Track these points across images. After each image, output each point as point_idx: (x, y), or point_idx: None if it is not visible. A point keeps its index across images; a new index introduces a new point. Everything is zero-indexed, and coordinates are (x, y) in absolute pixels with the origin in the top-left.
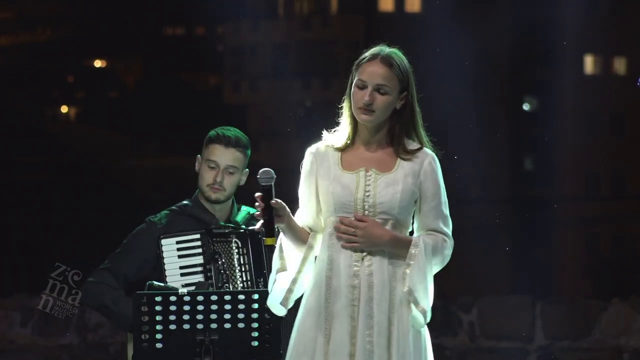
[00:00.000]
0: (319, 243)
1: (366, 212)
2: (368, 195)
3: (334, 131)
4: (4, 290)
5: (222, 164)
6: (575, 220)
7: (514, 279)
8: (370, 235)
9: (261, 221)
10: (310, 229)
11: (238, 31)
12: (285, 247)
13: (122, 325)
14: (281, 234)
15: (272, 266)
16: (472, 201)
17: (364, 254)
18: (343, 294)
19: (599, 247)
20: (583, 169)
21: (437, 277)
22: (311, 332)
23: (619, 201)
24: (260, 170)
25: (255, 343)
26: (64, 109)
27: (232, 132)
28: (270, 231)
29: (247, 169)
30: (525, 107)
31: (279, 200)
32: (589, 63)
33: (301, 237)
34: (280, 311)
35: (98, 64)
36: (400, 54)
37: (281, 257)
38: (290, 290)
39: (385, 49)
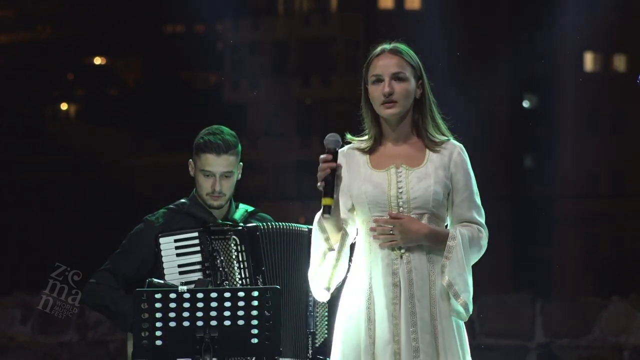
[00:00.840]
0: (352, 234)
1: (401, 208)
2: (401, 192)
3: (358, 136)
4: (3, 288)
5: (217, 172)
6: (575, 218)
7: (514, 277)
8: (407, 231)
9: (322, 182)
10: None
11: (238, 29)
12: (328, 228)
13: (123, 325)
14: (319, 215)
15: (314, 249)
16: None
17: (402, 251)
18: (383, 293)
19: (599, 245)
20: (583, 167)
21: None
22: (356, 333)
23: (619, 200)
24: (328, 134)
25: (255, 340)
26: (64, 106)
27: (219, 136)
28: (330, 191)
29: (241, 163)
30: (525, 104)
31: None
32: (588, 60)
33: (339, 221)
34: (324, 296)
35: (98, 61)
36: (405, 45)
37: (327, 239)
38: (332, 275)
39: (388, 45)
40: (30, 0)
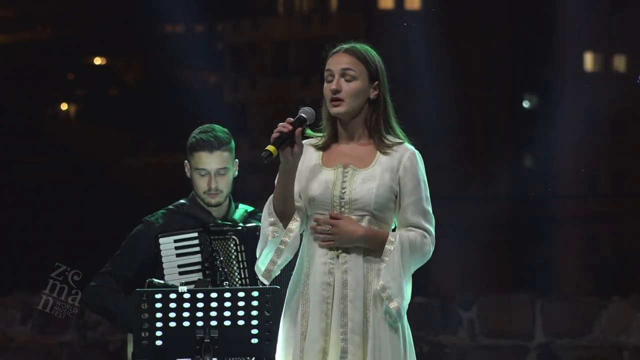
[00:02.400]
0: (303, 223)
1: (342, 209)
2: (344, 192)
3: (316, 131)
4: (3, 289)
5: (212, 169)
6: (575, 218)
7: (514, 277)
8: (343, 232)
9: (276, 134)
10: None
11: (238, 29)
12: (277, 211)
13: (123, 326)
14: (270, 197)
15: (261, 233)
16: (472, 199)
17: (339, 251)
18: (317, 291)
19: (599, 245)
20: (583, 167)
21: (437, 275)
22: (290, 328)
23: (619, 199)
24: (307, 107)
25: (255, 340)
26: (64, 106)
27: (211, 133)
28: (278, 143)
29: (236, 160)
30: (525, 104)
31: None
32: (588, 60)
33: (291, 199)
34: (263, 281)
35: (98, 61)
36: (367, 46)
37: (272, 224)
38: (268, 263)
39: (347, 44)
40: (30, 0)
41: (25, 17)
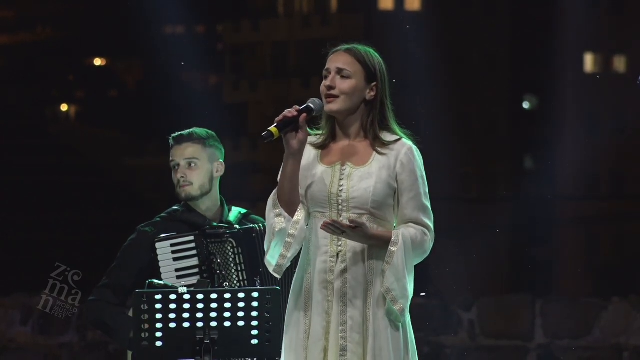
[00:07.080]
0: (307, 216)
1: (340, 206)
2: (341, 190)
3: (314, 131)
4: (4, 289)
5: (180, 160)
6: (576, 219)
7: (514, 278)
8: (356, 237)
9: (280, 118)
10: None
11: (238, 30)
12: (282, 203)
13: (121, 342)
14: (274, 192)
15: (267, 226)
16: (472, 200)
17: (340, 249)
18: (318, 290)
19: (599, 246)
20: (583, 168)
21: (436, 275)
22: (295, 326)
23: (619, 200)
24: (317, 99)
25: (255, 341)
26: (64, 107)
27: (189, 130)
28: (280, 126)
29: (221, 160)
30: (526, 105)
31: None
32: (589, 61)
33: (296, 189)
34: (276, 275)
35: (98, 62)
36: (368, 48)
37: (278, 215)
38: (283, 256)
39: (347, 45)
40: (31, 1)
41: (25, 18)
